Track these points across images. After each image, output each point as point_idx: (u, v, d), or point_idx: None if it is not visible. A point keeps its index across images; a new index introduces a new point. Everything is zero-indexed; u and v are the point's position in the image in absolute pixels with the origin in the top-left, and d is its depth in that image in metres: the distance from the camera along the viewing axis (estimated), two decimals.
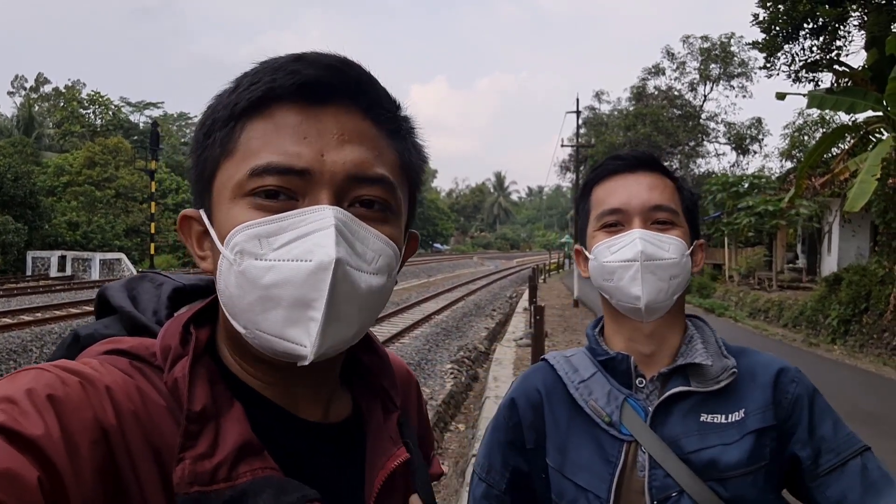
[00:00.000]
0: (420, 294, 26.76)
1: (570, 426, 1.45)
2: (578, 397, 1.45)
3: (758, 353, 1.49)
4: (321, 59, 0.77)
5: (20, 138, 45.82)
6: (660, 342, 1.44)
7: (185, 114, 78.07)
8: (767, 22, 19.41)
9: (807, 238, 29.73)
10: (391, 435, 0.91)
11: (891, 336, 14.76)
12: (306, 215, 0.74)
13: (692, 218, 1.47)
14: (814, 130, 33.24)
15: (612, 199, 1.44)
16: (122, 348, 0.79)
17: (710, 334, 1.48)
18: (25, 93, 63.89)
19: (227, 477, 0.71)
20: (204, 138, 0.80)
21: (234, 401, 0.77)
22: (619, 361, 1.44)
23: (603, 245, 1.42)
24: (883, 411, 9.65)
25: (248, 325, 0.75)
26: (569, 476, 1.42)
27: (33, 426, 0.62)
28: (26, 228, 31.77)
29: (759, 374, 1.42)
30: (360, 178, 0.77)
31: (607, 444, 1.39)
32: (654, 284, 1.36)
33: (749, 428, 1.36)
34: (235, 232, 0.75)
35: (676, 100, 42.79)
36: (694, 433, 1.35)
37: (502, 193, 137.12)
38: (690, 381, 1.39)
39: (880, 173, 13.19)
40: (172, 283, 0.97)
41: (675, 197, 1.45)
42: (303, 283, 0.71)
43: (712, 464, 1.33)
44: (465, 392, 10.94)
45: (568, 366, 1.51)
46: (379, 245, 0.78)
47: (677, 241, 1.39)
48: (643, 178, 1.44)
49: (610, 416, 1.40)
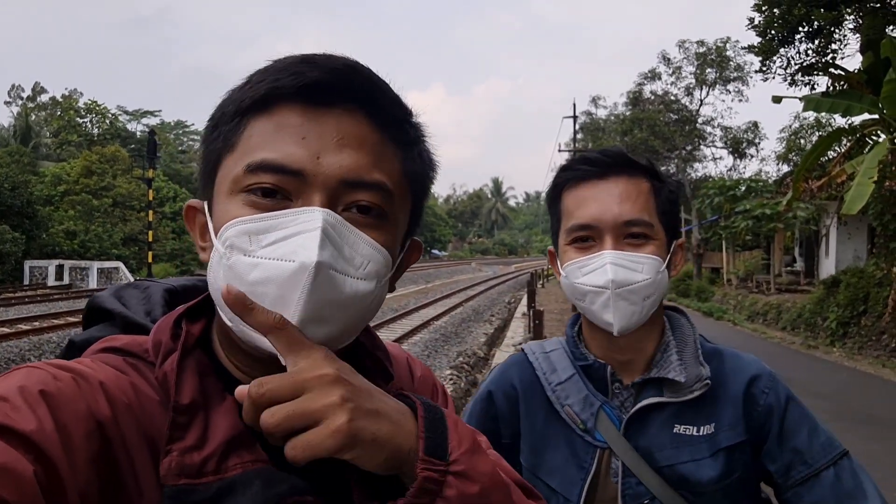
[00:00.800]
0: (418, 300, 26.74)
1: (545, 427, 1.44)
2: (555, 400, 1.44)
3: (733, 355, 1.47)
4: (328, 62, 0.77)
5: (17, 148, 45.82)
6: (635, 350, 1.43)
7: (182, 122, 78.15)
8: (763, 26, 19.46)
9: (804, 241, 29.77)
10: None
11: (889, 338, 14.77)
12: (297, 216, 0.74)
13: (670, 219, 1.41)
14: (810, 134, 33.33)
15: (581, 211, 1.38)
16: (115, 346, 0.80)
17: (689, 334, 1.45)
18: (22, 102, 63.94)
19: (217, 469, 0.71)
20: (211, 131, 0.82)
21: (226, 394, 0.77)
22: (597, 369, 1.43)
23: (574, 265, 1.38)
24: (882, 413, 9.64)
25: (234, 319, 0.75)
26: (541, 477, 1.42)
27: (26, 421, 0.62)
28: (24, 238, 31.71)
29: (731, 384, 1.40)
30: (354, 184, 0.77)
31: (581, 449, 1.39)
32: (626, 310, 1.33)
33: (720, 444, 1.35)
34: (228, 226, 0.75)
35: (673, 104, 42.82)
36: (667, 446, 1.35)
37: (500, 199, 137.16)
38: (664, 391, 1.38)
39: (877, 176, 13.20)
40: (160, 285, 0.98)
41: (650, 203, 1.38)
42: (284, 283, 0.72)
43: (684, 479, 1.33)
44: (465, 398, 10.92)
45: (547, 364, 1.49)
46: (368, 251, 0.78)
47: (651, 260, 1.34)
48: (614, 187, 1.37)
49: (585, 423, 1.39)
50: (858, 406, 9.98)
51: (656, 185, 1.41)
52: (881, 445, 7.79)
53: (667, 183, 1.43)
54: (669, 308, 1.51)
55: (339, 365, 0.72)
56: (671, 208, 1.42)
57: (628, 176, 1.38)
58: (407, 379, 1.03)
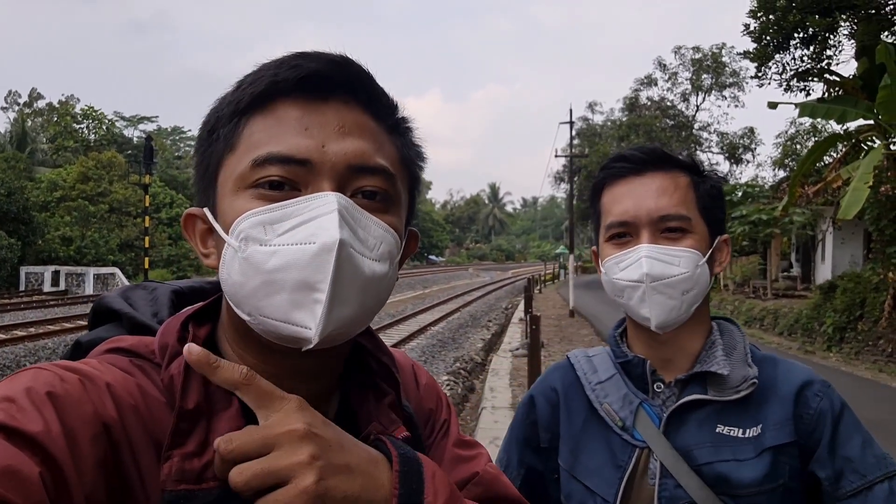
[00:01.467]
0: (415, 306, 26.73)
1: (585, 428, 1.42)
2: (594, 399, 1.42)
3: (787, 362, 1.42)
4: (322, 55, 0.79)
5: (13, 153, 45.78)
6: (678, 348, 1.39)
7: (179, 128, 78.22)
8: (758, 32, 19.52)
9: (801, 246, 29.84)
10: (388, 415, 0.89)
11: (886, 343, 14.79)
12: (310, 201, 0.75)
13: (712, 214, 1.38)
14: (806, 139, 33.43)
15: (618, 208, 1.37)
16: (122, 346, 0.80)
17: (738, 340, 1.42)
18: (19, 108, 63.89)
19: (217, 476, 0.70)
20: (208, 136, 0.81)
21: (233, 398, 0.76)
22: (635, 365, 1.41)
23: (612, 261, 1.37)
24: (880, 417, 9.65)
25: (253, 311, 0.76)
26: (579, 478, 1.39)
27: (32, 423, 0.62)
28: (19, 244, 31.67)
29: (782, 386, 1.35)
30: (360, 168, 0.78)
31: (619, 448, 1.36)
32: (664, 304, 1.31)
33: (766, 444, 1.29)
34: (241, 219, 0.75)
35: (669, 110, 43.01)
36: (707, 444, 1.31)
37: (497, 204, 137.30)
38: (708, 389, 1.34)
39: (873, 181, 13.25)
40: (167, 287, 0.98)
41: (689, 197, 1.36)
42: (306, 265, 0.72)
43: (724, 479, 1.28)
44: (462, 403, 10.90)
45: (588, 365, 1.48)
46: (380, 232, 0.79)
47: (688, 254, 1.31)
48: (651, 183, 1.36)
49: (623, 420, 1.37)
50: (856, 411, 9.95)
51: (696, 179, 1.39)
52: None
53: (708, 177, 1.41)
54: (720, 318, 1.48)
55: (311, 417, 0.71)
56: (713, 203, 1.39)
57: (665, 171, 1.37)
58: (412, 386, 1.03)
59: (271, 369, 0.82)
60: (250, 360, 0.82)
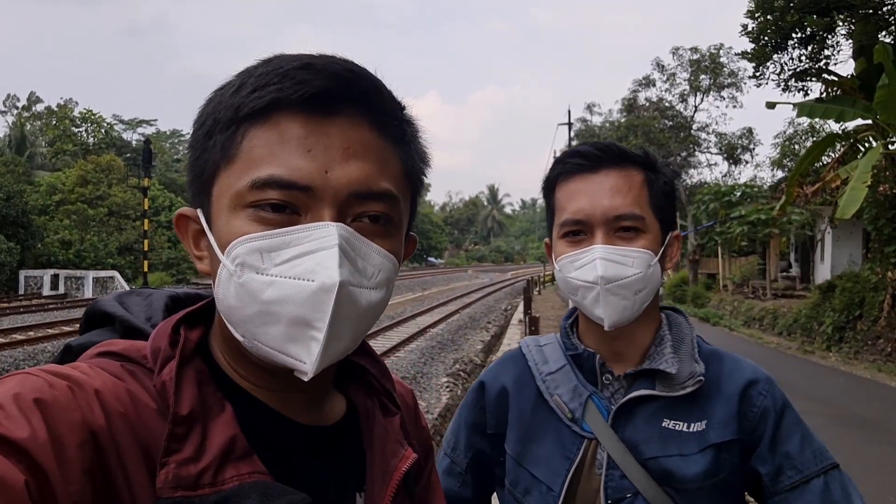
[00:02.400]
0: (415, 307, 26.71)
1: (534, 417, 1.44)
2: (545, 390, 1.44)
3: (733, 358, 1.45)
4: (329, 68, 0.75)
5: (12, 157, 45.65)
6: (628, 342, 1.42)
7: (177, 131, 78.14)
8: (756, 32, 19.52)
9: (799, 246, 29.86)
10: (396, 436, 0.91)
11: (885, 342, 14.80)
12: (310, 231, 0.73)
13: (665, 212, 1.40)
14: (804, 139, 33.41)
15: (573, 205, 1.38)
16: (114, 350, 0.78)
17: (686, 332, 1.44)
18: (17, 112, 63.78)
19: (213, 482, 0.70)
20: (204, 138, 0.78)
21: (226, 402, 0.76)
22: (587, 358, 1.43)
23: (566, 259, 1.38)
24: (879, 417, 9.65)
25: (247, 334, 0.75)
26: (526, 466, 1.42)
27: (19, 429, 0.61)
28: (18, 248, 31.60)
29: (727, 384, 1.38)
30: (363, 195, 0.76)
31: (567, 439, 1.38)
32: (617, 304, 1.33)
33: (709, 441, 1.33)
34: (237, 244, 0.74)
35: (667, 111, 42.94)
36: (654, 439, 1.34)
37: (496, 206, 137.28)
38: (656, 384, 1.37)
39: (871, 180, 13.26)
40: (163, 292, 0.97)
41: (643, 195, 1.37)
42: (304, 303, 0.71)
43: (669, 474, 1.31)
44: None
45: (539, 355, 1.50)
46: (379, 260, 0.78)
47: (641, 254, 1.33)
48: (605, 181, 1.36)
49: (573, 412, 1.39)
50: (855, 410, 9.98)
51: (650, 176, 1.40)
52: (878, 449, 7.80)
53: (662, 173, 1.42)
54: (668, 308, 1.50)
55: None
56: (666, 200, 1.41)
57: (619, 168, 1.38)
58: (413, 422, 1.05)
59: (264, 381, 0.82)
60: (241, 371, 0.82)
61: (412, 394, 1.11)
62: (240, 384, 0.82)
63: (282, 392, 0.83)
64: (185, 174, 0.88)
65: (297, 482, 0.76)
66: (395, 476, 0.87)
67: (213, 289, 0.79)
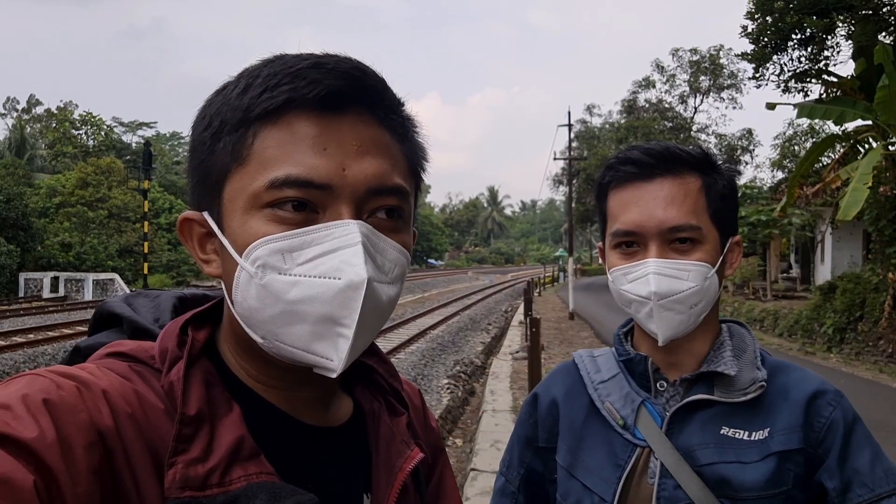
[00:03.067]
0: (415, 309, 26.73)
1: (585, 427, 1.40)
2: (596, 398, 1.40)
3: (800, 369, 1.38)
4: (340, 66, 0.75)
5: (12, 160, 45.72)
6: (685, 351, 1.36)
7: (177, 133, 78.25)
8: (756, 33, 19.53)
9: (800, 247, 29.86)
10: (402, 436, 0.91)
11: (886, 343, 14.79)
12: (331, 230, 0.73)
13: (724, 216, 1.34)
14: (804, 140, 33.42)
15: (625, 216, 1.32)
16: (122, 351, 0.78)
17: (748, 343, 1.39)
18: (17, 114, 63.88)
19: (220, 482, 0.70)
20: (211, 141, 0.77)
21: (234, 403, 0.76)
22: (638, 363, 1.38)
23: (618, 271, 1.33)
24: (881, 418, 9.64)
25: (268, 335, 0.75)
26: (577, 476, 1.38)
27: (27, 430, 0.61)
28: (18, 250, 31.62)
29: (793, 392, 1.32)
30: (379, 191, 0.77)
31: (619, 447, 1.34)
32: (671, 320, 1.28)
33: (772, 449, 1.26)
34: (257, 245, 0.73)
35: (667, 112, 43.05)
36: (711, 445, 1.28)
37: (496, 208, 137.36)
38: (715, 389, 1.31)
39: (871, 181, 13.27)
40: (171, 293, 0.97)
41: (700, 203, 1.30)
42: (331, 301, 0.71)
43: (726, 481, 1.25)
44: (462, 407, 10.89)
45: (592, 365, 1.46)
46: (395, 255, 0.78)
47: (698, 267, 1.28)
48: (660, 190, 1.30)
49: (625, 419, 1.34)
50: (857, 411, 9.97)
51: (708, 180, 1.32)
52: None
53: (721, 174, 1.35)
54: (730, 320, 1.45)
55: None
56: (725, 204, 1.34)
57: (674, 175, 1.31)
58: (421, 422, 1.04)
59: (275, 381, 0.82)
60: (252, 371, 0.82)
61: (420, 394, 1.10)
62: (248, 384, 0.82)
63: (291, 391, 0.83)
64: (184, 176, 0.86)
65: (305, 483, 0.76)
66: (399, 476, 0.87)
67: (227, 291, 0.78)
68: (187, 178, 0.84)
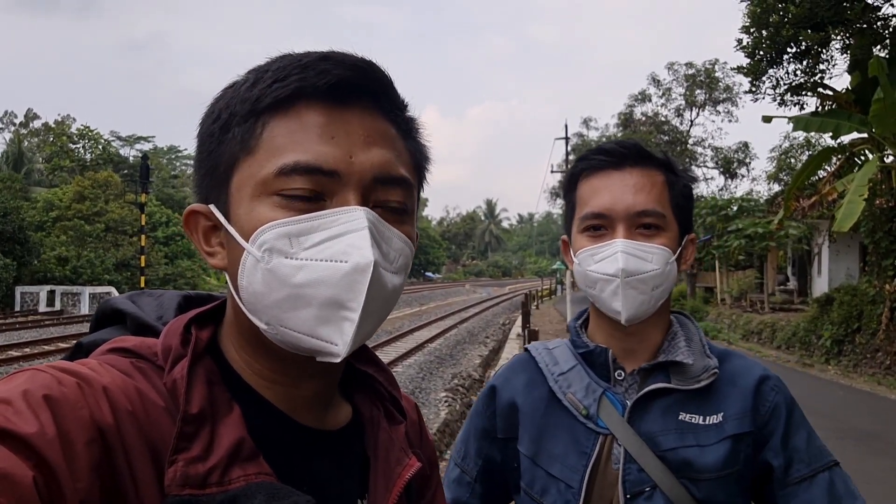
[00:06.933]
0: (413, 322, 26.68)
1: (547, 417, 1.45)
2: (557, 389, 1.45)
3: (741, 356, 1.50)
4: (347, 59, 0.78)
5: (9, 174, 45.68)
6: (641, 339, 1.45)
7: (175, 147, 78.41)
8: (751, 47, 19.61)
9: (797, 260, 29.89)
10: (401, 444, 0.92)
11: (884, 355, 14.79)
12: (339, 215, 0.75)
13: (684, 213, 1.44)
14: (800, 153, 33.59)
15: (595, 200, 1.41)
16: (125, 347, 0.79)
17: (694, 332, 1.48)
18: (15, 128, 64.07)
19: (220, 481, 0.70)
20: (220, 132, 0.79)
21: (234, 403, 0.76)
22: (598, 354, 1.45)
23: (586, 252, 1.41)
24: (879, 430, 9.63)
25: (273, 321, 0.76)
26: (541, 465, 1.43)
27: (27, 425, 0.61)
28: (15, 264, 31.54)
29: (741, 379, 1.43)
30: (384, 180, 0.78)
31: (583, 436, 1.40)
32: (635, 299, 1.36)
33: (727, 432, 1.36)
34: (264, 230, 0.74)
35: (663, 125, 43.14)
36: (671, 431, 1.36)
37: (493, 221, 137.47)
38: (671, 378, 1.40)
39: (867, 193, 13.31)
40: (174, 293, 0.97)
41: (664, 195, 1.41)
42: (337, 283, 0.72)
43: (687, 464, 1.34)
44: (460, 420, 10.85)
45: (549, 357, 1.52)
46: (400, 244, 0.79)
47: (661, 251, 1.37)
48: (629, 178, 1.40)
49: (587, 408, 1.41)
50: (854, 423, 9.95)
51: (671, 178, 1.43)
52: (878, 462, 7.76)
53: (682, 177, 1.46)
54: (676, 311, 1.53)
55: None
56: (685, 202, 1.45)
57: (643, 167, 1.41)
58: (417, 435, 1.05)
59: (277, 375, 0.82)
60: (256, 366, 0.82)
61: (417, 408, 1.10)
62: (249, 382, 0.82)
63: (292, 387, 0.83)
64: (182, 190, 0.87)
65: (301, 484, 0.76)
66: (398, 483, 0.88)
67: (231, 281, 0.79)
68: (194, 172, 0.85)
